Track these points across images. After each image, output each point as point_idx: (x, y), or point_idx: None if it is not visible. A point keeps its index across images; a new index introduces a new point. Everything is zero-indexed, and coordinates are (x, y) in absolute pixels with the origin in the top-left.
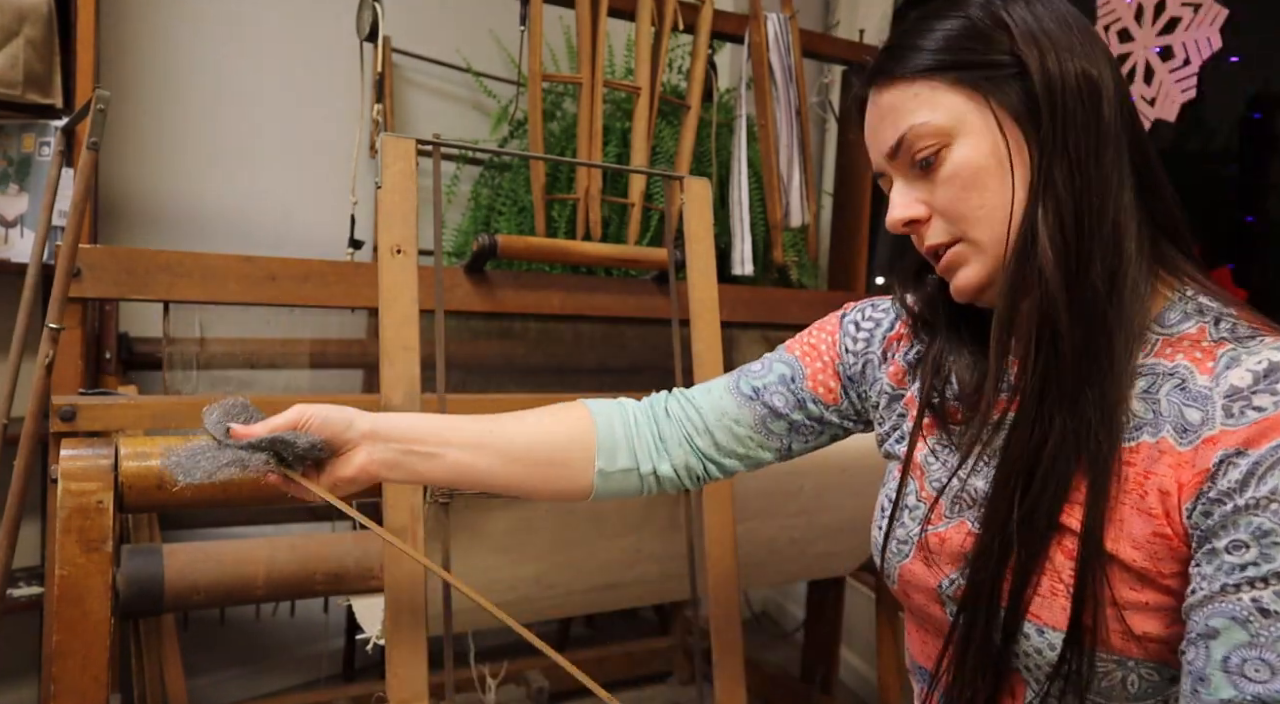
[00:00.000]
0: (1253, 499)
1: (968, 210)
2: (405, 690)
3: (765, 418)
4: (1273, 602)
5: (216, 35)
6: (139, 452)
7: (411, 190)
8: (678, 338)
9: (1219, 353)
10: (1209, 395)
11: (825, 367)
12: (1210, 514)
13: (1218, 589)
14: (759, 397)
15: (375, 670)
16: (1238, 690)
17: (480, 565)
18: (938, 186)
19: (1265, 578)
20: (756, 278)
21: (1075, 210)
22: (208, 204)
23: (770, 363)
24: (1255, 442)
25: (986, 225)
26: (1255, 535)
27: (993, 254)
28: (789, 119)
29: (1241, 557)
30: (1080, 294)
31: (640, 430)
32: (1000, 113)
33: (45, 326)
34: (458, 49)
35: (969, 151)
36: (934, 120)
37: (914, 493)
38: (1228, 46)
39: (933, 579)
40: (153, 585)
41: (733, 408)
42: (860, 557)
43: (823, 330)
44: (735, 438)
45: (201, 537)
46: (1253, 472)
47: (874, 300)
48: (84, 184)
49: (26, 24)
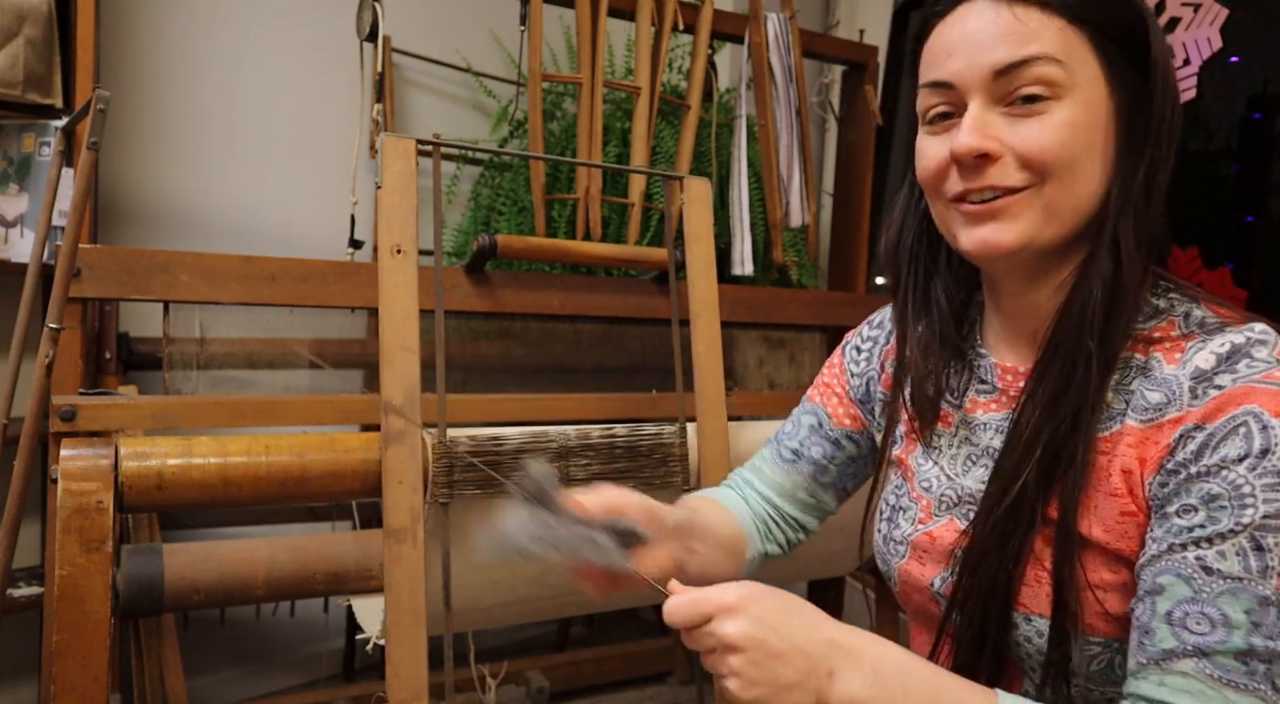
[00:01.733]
0: (1204, 467)
1: (1064, 167)
2: (405, 690)
3: (814, 474)
4: (1216, 560)
5: (216, 35)
6: (139, 452)
7: (411, 190)
8: (677, 338)
9: (1187, 346)
10: (1174, 380)
11: (842, 398)
12: (1166, 484)
13: (1165, 548)
14: (801, 456)
15: (375, 670)
16: (1179, 641)
17: (480, 565)
18: (1033, 130)
19: (1210, 538)
20: (756, 278)
21: (1149, 228)
22: (208, 204)
23: (798, 418)
24: (1211, 416)
25: (1070, 192)
26: (1204, 499)
27: (1055, 220)
28: (789, 119)
29: (1190, 519)
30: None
31: (753, 521)
32: (1113, 102)
33: (45, 326)
34: (458, 49)
35: (1083, 113)
36: (1067, 63)
37: (906, 494)
38: (1228, 46)
39: (925, 577)
40: (153, 585)
41: (785, 479)
42: (860, 557)
43: (831, 366)
44: (800, 503)
45: (201, 537)
46: (1207, 443)
47: (870, 318)
48: (84, 184)
49: (26, 24)
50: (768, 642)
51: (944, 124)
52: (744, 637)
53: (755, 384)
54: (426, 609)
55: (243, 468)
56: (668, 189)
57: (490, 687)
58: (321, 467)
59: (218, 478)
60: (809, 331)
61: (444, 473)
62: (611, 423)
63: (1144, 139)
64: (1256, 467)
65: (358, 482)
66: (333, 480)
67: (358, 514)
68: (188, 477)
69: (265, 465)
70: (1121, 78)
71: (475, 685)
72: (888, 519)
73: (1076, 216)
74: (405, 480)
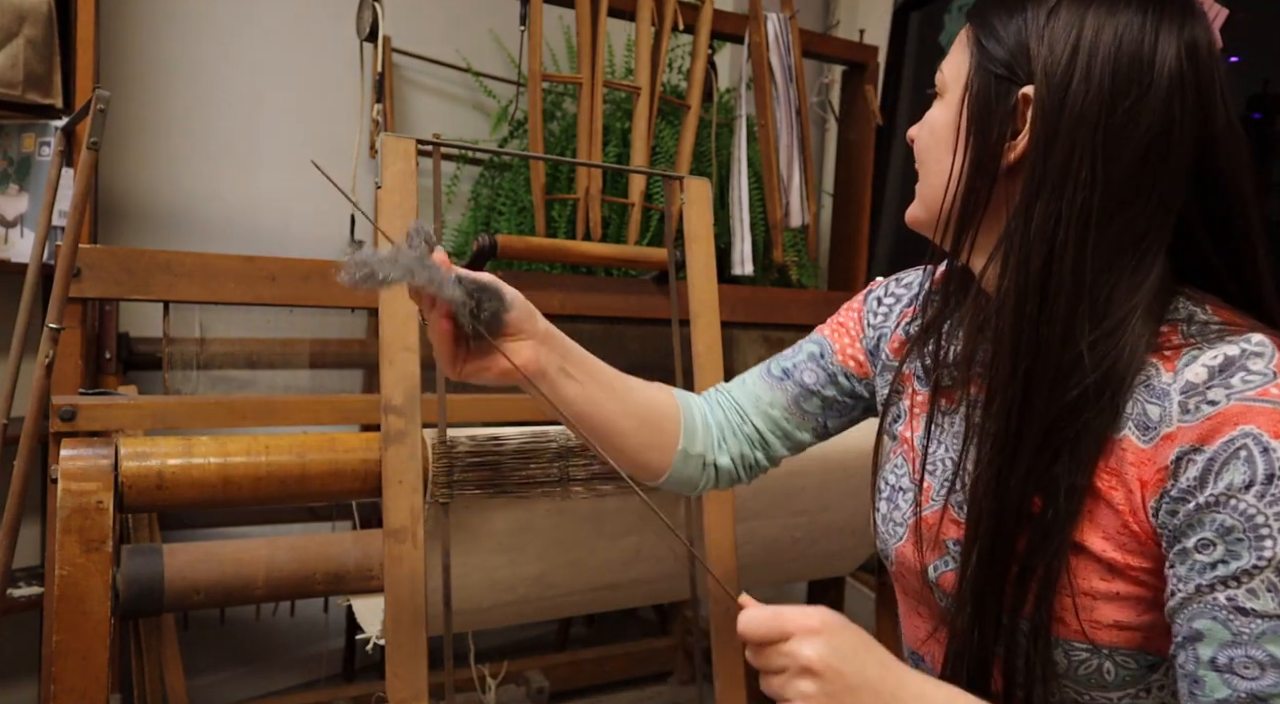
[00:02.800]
0: (1212, 497)
1: (919, 158)
2: (405, 690)
3: (798, 397)
4: (1248, 599)
5: (216, 35)
6: (139, 452)
7: (411, 190)
8: (678, 338)
9: (1184, 351)
10: (1168, 392)
11: (853, 341)
12: (1175, 513)
13: (1193, 590)
14: (790, 376)
15: (375, 670)
16: (1232, 689)
17: (480, 565)
18: (920, 126)
19: (1236, 576)
20: (756, 278)
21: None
22: (208, 204)
23: (801, 344)
24: (1208, 437)
25: (926, 183)
26: (1219, 533)
27: (922, 208)
28: (789, 119)
29: (1210, 555)
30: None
31: (707, 420)
32: (968, 101)
33: (45, 326)
34: (458, 49)
35: (944, 111)
36: (945, 70)
37: (907, 475)
38: (1228, 46)
39: (921, 562)
40: (153, 585)
41: (766, 391)
42: (860, 557)
43: (850, 308)
44: (772, 421)
45: (201, 537)
46: (1209, 468)
47: (900, 274)
48: (84, 184)
49: (26, 24)
50: (845, 674)
51: None
52: (823, 664)
53: None
54: (426, 609)
55: (243, 468)
56: (668, 189)
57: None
58: (321, 467)
59: (218, 478)
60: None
61: (444, 473)
62: None
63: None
64: (1265, 494)
65: (358, 482)
66: (333, 480)
67: (358, 514)
68: (188, 476)
69: (265, 465)
70: (982, 75)
71: (475, 685)
72: (886, 499)
73: (935, 207)
74: (405, 480)
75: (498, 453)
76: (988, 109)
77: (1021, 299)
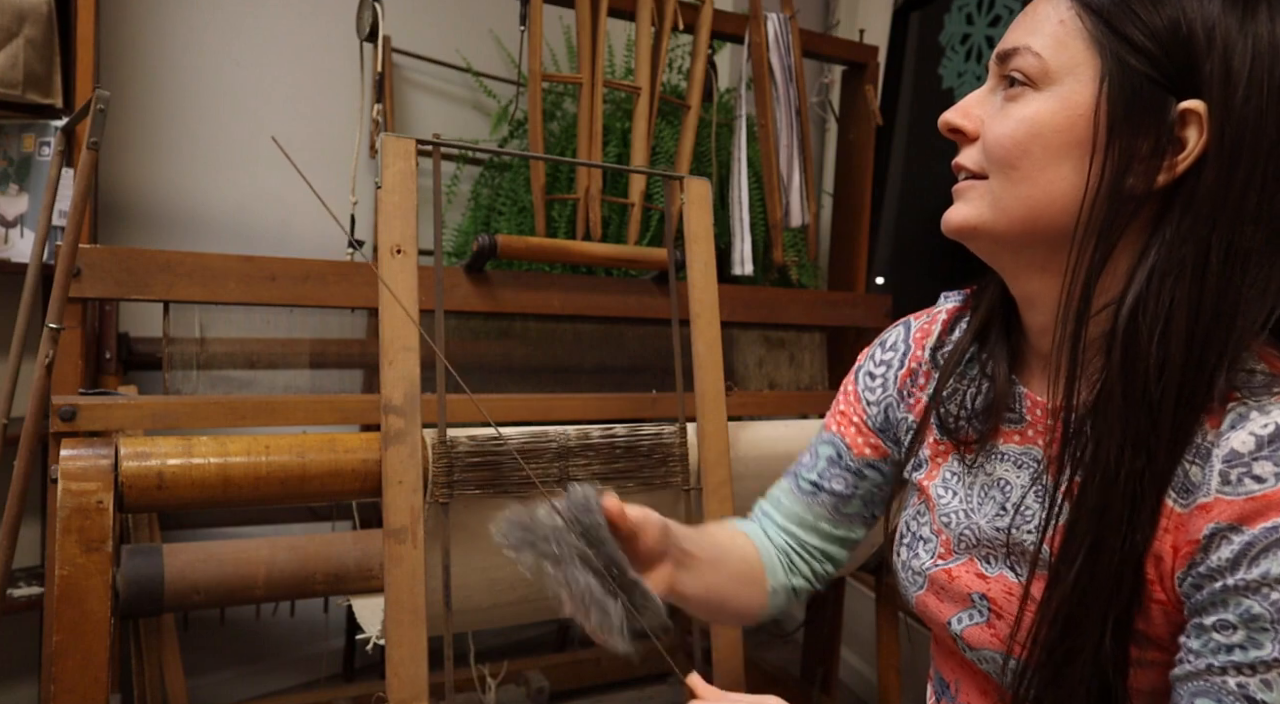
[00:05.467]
0: (1243, 581)
1: (1009, 162)
2: (405, 690)
3: (836, 505)
4: (1260, 690)
5: (216, 35)
6: (139, 452)
7: (411, 190)
8: (678, 338)
9: (1230, 409)
10: (1210, 455)
11: (860, 427)
12: (1200, 587)
13: (1204, 668)
14: (821, 489)
15: (375, 670)
16: None
17: (480, 565)
18: (998, 117)
19: (1253, 665)
20: (756, 278)
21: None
22: (208, 204)
23: (815, 449)
24: (1250, 520)
25: (1016, 192)
26: (1244, 619)
27: (1005, 216)
28: (789, 119)
29: (1228, 638)
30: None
31: (772, 553)
32: (1107, 106)
33: (45, 326)
34: (458, 49)
35: (1055, 111)
36: (1043, 53)
37: (928, 524)
38: None
39: (943, 615)
40: (153, 585)
41: (804, 510)
42: (860, 557)
43: (845, 394)
44: (822, 534)
45: (201, 537)
46: (1245, 552)
47: (881, 339)
48: (84, 184)
49: (26, 24)
50: None
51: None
52: None
53: (755, 384)
54: (426, 609)
55: (243, 468)
56: (668, 189)
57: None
58: (321, 467)
59: (218, 478)
60: (809, 331)
61: (444, 473)
62: (611, 423)
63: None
64: None
65: (358, 482)
66: (333, 480)
67: (358, 514)
68: (188, 477)
69: (265, 465)
70: (1129, 84)
71: (475, 685)
72: (907, 546)
73: (1032, 224)
74: (405, 480)
75: (498, 453)
76: (1137, 119)
77: (1144, 339)
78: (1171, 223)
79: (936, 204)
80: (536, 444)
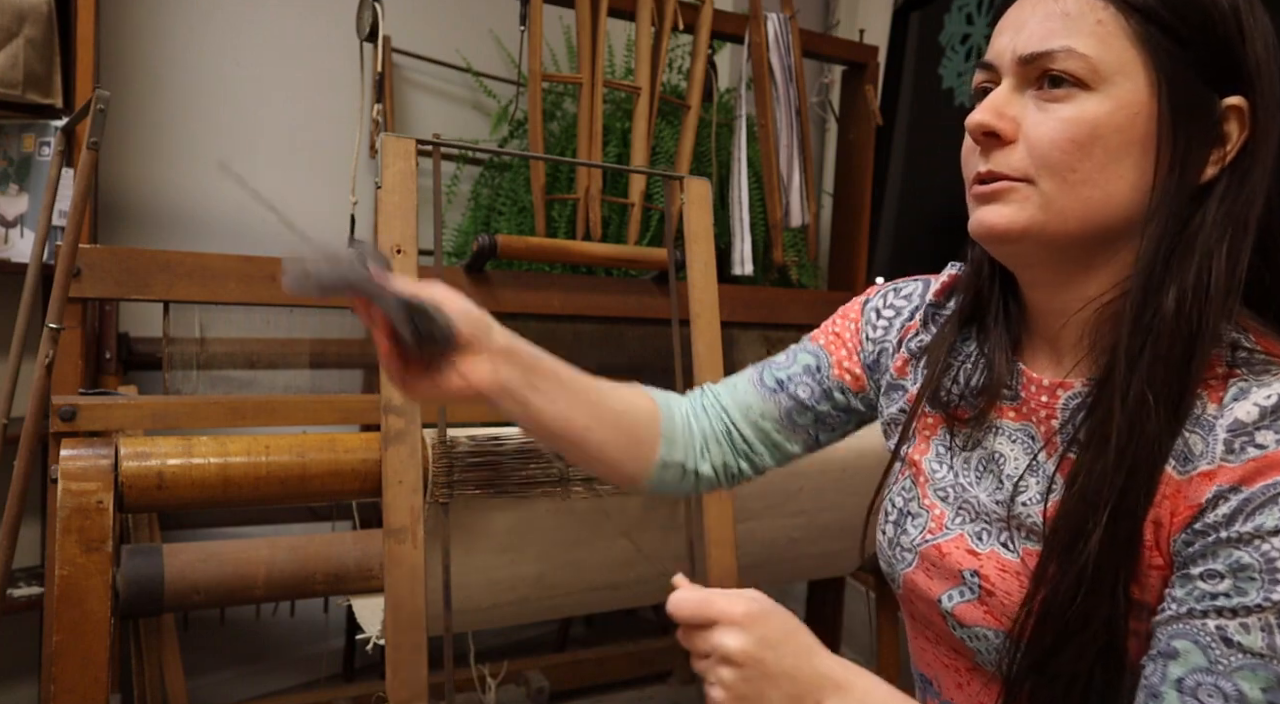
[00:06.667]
0: (1236, 533)
1: (1066, 165)
2: (405, 690)
3: (791, 410)
4: (1238, 633)
5: (216, 35)
6: (139, 452)
7: (411, 190)
8: (678, 338)
9: (1230, 382)
10: (1213, 426)
11: (849, 354)
12: (1191, 544)
13: (1184, 612)
14: (784, 389)
15: (375, 670)
16: None
17: (480, 565)
18: (1045, 117)
19: (1235, 609)
20: (756, 278)
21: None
22: (208, 204)
23: (795, 354)
24: (1250, 479)
25: (1074, 194)
26: (1232, 568)
27: (1059, 218)
28: (789, 119)
29: (1214, 585)
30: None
31: (690, 426)
32: (1163, 108)
33: (45, 326)
34: (458, 49)
35: (1113, 111)
36: (1090, 54)
37: (916, 499)
38: None
39: (933, 591)
40: (153, 585)
41: (757, 401)
42: (860, 557)
43: (846, 317)
44: (762, 432)
45: (201, 537)
46: (1241, 508)
47: (898, 284)
48: (84, 184)
49: (26, 24)
50: (765, 662)
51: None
52: (742, 654)
53: None
54: (426, 609)
55: (243, 468)
56: (668, 189)
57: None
58: (321, 467)
59: (218, 478)
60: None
61: (444, 473)
62: None
63: (1250, 164)
64: None
65: (358, 482)
66: (333, 480)
67: (358, 514)
68: (188, 477)
69: (265, 465)
70: (1183, 84)
71: (475, 685)
72: (894, 523)
73: (1089, 223)
74: (405, 480)
75: (498, 453)
76: (1188, 115)
77: (1166, 317)
78: (1210, 209)
79: (937, 204)
80: (536, 444)
